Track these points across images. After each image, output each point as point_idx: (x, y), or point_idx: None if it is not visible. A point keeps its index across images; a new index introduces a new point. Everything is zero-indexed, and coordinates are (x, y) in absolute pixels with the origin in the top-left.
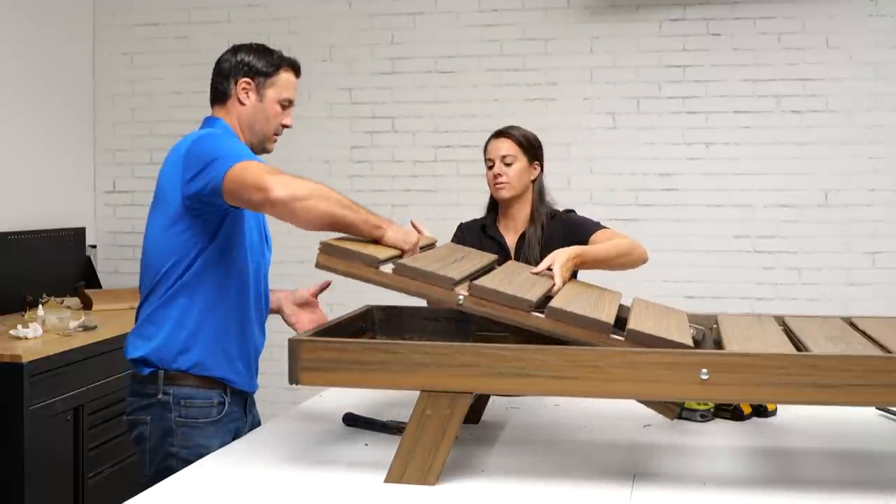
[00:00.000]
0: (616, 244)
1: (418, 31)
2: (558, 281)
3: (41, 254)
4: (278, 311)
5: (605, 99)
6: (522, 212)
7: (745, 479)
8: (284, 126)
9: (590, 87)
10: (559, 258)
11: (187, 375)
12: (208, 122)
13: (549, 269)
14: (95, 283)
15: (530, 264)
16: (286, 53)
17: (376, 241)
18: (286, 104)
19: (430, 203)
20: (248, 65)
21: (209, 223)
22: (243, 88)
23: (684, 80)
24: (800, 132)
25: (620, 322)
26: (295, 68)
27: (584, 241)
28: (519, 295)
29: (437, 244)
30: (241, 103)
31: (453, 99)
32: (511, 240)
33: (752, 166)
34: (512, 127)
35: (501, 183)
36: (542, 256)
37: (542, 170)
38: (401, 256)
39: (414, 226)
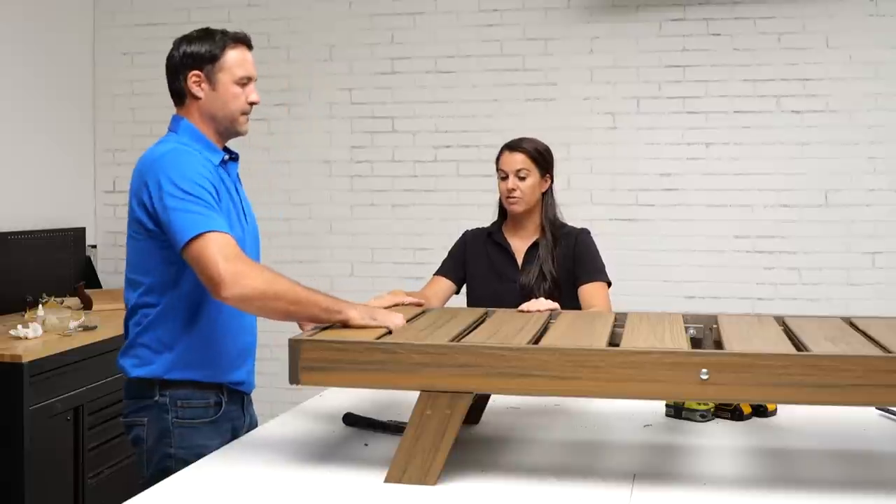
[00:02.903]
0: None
1: (418, 31)
2: (545, 306)
3: (41, 254)
4: None
5: (605, 99)
6: (532, 221)
7: (745, 479)
8: (252, 104)
9: (590, 87)
10: (539, 301)
11: (185, 381)
12: (173, 121)
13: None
14: (95, 283)
15: (545, 274)
16: (286, 53)
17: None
18: (245, 82)
19: (430, 203)
20: (191, 56)
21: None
22: (194, 82)
23: (684, 80)
24: (800, 132)
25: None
26: (243, 42)
27: (578, 278)
28: (505, 345)
29: (446, 249)
30: (196, 97)
31: (453, 99)
32: (519, 246)
33: (752, 166)
34: (525, 139)
35: (515, 197)
36: (557, 268)
37: (552, 181)
38: (388, 334)
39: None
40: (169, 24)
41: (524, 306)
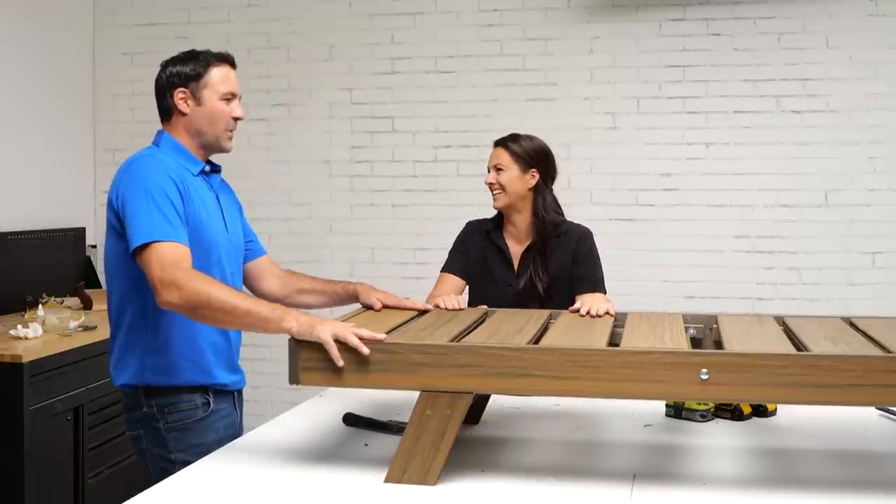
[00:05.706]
0: None
1: (418, 31)
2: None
3: (41, 254)
4: (354, 299)
5: (605, 99)
6: (524, 221)
7: (745, 479)
8: (236, 119)
9: (590, 87)
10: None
11: (168, 387)
12: (156, 135)
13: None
14: (95, 283)
15: (536, 285)
16: (286, 53)
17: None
18: (229, 97)
19: (430, 203)
20: (177, 75)
21: None
22: (180, 98)
23: (684, 80)
24: (800, 132)
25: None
26: (227, 61)
27: (578, 285)
28: (505, 345)
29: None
30: (183, 113)
31: (453, 99)
32: (515, 249)
33: (752, 166)
34: (511, 135)
35: (494, 193)
36: (553, 270)
37: (540, 177)
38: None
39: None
40: (169, 24)
41: (583, 310)
